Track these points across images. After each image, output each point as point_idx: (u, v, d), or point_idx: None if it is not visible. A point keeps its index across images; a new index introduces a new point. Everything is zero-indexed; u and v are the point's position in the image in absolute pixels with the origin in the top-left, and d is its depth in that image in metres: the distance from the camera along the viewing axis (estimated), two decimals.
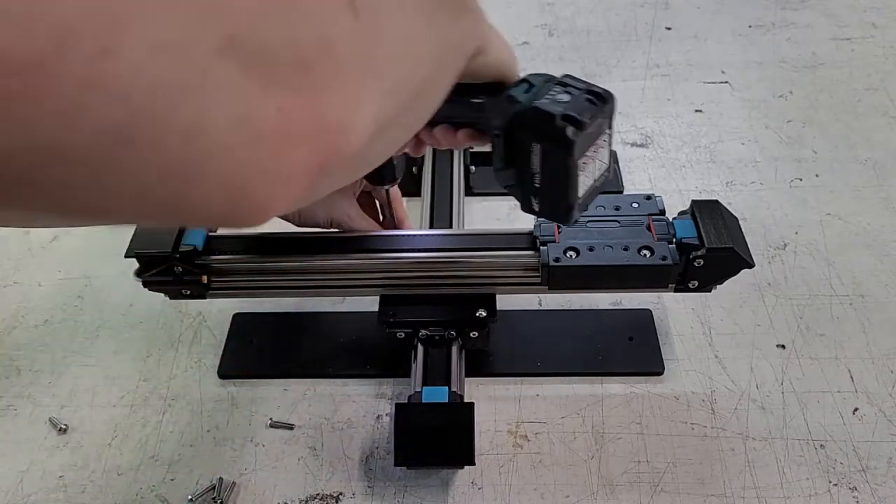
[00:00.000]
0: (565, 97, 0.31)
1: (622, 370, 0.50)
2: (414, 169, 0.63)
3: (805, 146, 0.67)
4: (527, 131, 0.31)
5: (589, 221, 0.45)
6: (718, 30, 0.82)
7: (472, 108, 0.33)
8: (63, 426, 0.48)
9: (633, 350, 0.51)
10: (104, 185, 0.17)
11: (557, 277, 0.44)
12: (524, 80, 0.32)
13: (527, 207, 0.34)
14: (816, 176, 0.64)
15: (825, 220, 0.60)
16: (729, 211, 0.46)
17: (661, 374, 0.50)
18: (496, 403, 0.49)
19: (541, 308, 0.54)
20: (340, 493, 0.44)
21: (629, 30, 0.82)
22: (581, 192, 0.32)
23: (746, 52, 0.78)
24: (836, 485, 0.44)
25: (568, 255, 0.44)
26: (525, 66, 0.43)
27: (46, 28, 0.14)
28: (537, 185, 0.32)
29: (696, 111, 0.71)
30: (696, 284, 0.45)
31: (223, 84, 0.17)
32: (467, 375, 0.48)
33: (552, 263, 0.43)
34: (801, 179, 0.64)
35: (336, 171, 0.22)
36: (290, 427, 0.48)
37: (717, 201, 0.46)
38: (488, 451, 0.46)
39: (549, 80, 0.32)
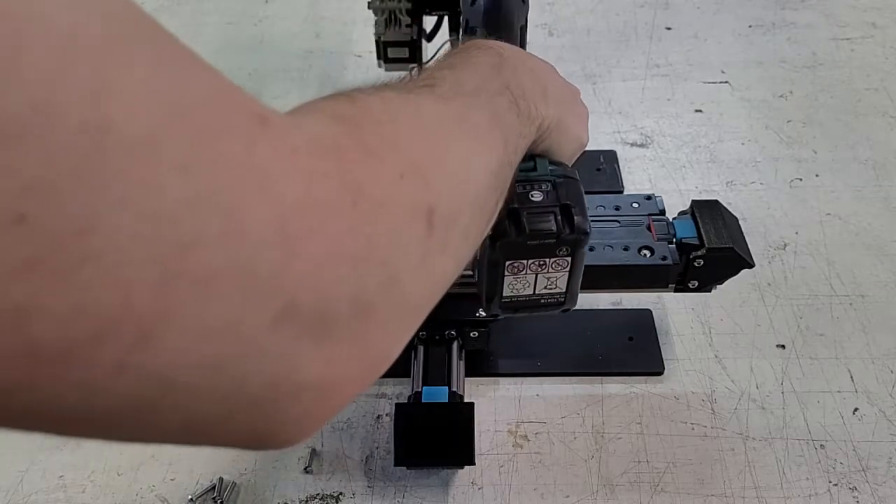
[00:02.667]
0: (539, 196, 0.29)
1: (622, 370, 0.50)
2: None
3: (805, 146, 0.67)
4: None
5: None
6: (718, 30, 0.82)
7: None
8: None
9: (633, 350, 0.51)
10: (125, 433, 0.17)
11: None
12: (533, 159, 0.31)
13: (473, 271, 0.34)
14: (816, 176, 0.64)
15: (825, 220, 0.60)
16: (729, 211, 0.46)
17: (661, 373, 0.50)
18: (496, 403, 0.49)
19: None
20: (340, 493, 0.44)
21: (629, 30, 0.82)
22: (507, 292, 0.31)
23: (746, 51, 0.78)
24: (836, 485, 0.44)
25: None
26: None
27: (81, 320, 0.13)
28: (478, 258, 0.32)
29: (696, 111, 0.71)
30: (697, 284, 0.45)
31: (271, 354, 0.16)
32: (467, 375, 0.48)
33: None
34: (801, 179, 0.64)
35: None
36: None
37: (717, 201, 0.46)
38: (488, 450, 0.46)
39: (556, 175, 0.30)
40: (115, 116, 0.13)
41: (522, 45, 0.36)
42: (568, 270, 0.31)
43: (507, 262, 0.30)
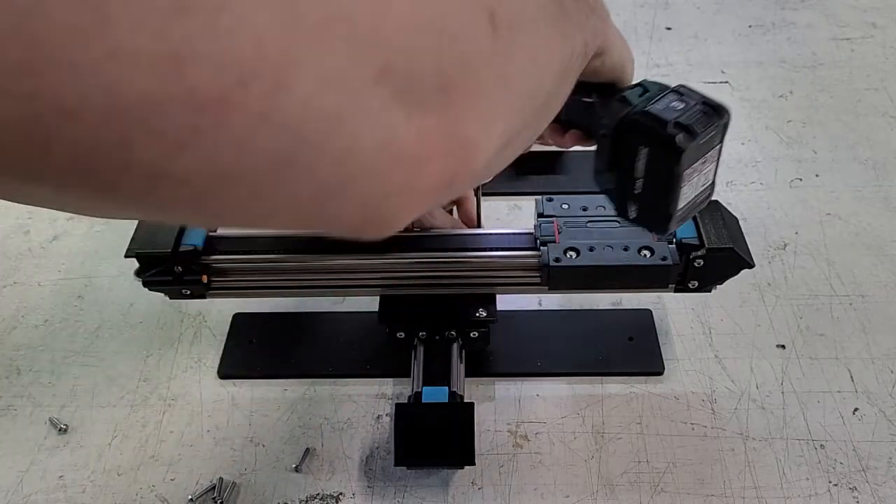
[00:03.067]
0: (680, 105, 0.30)
1: (622, 370, 0.50)
2: None
3: (805, 146, 0.67)
4: (636, 135, 0.30)
5: (589, 221, 0.45)
6: (718, 30, 0.82)
7: (584, 107, 0.33)
8: (63, 426, 0.48)
9: (633, 350, 0.51)
10: (263, 202, 0.18)
11: (557, 278, 0.44)
12: (639, 84, 0.32)
13: (622, 213, 0.34)
14: (816, 176, 0.64)
15: (825, 220, 0.60)
16: (729, 211, 0.46)
17: (661, 374, 0.50)
18: (496, 403, 0.49)
19: (541, 308, 0.54)
20: (340, 493, 0.44)
21: (629, 30, 0.82)
22: (682, 203, 0.32)
23: (746, 52, 0.78)
24: (836, 485, 0.44)
25: (568, 255, 0.44)
26: None
27: (229, 67, 0.14)
28: (637, 192, 0.32)
29: None
30: (697, 284, 0.45)
31: (375, 111, 0.18)
32: (467, 375, 0.48)
33: (552, 264, 0.43)
34: (801, 179, 0.64)
35: (460, 184, 0.23)
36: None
37: (716, 201, 0.46)
38: (488, 450, 0.46)
39: (665, 87, 0.32)
40: None
41: None
42: (716, 159, 0.32)
43: (686, 172, 0.30)
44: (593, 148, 0.34)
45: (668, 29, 0.82)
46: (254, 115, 0.15)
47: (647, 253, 0.44)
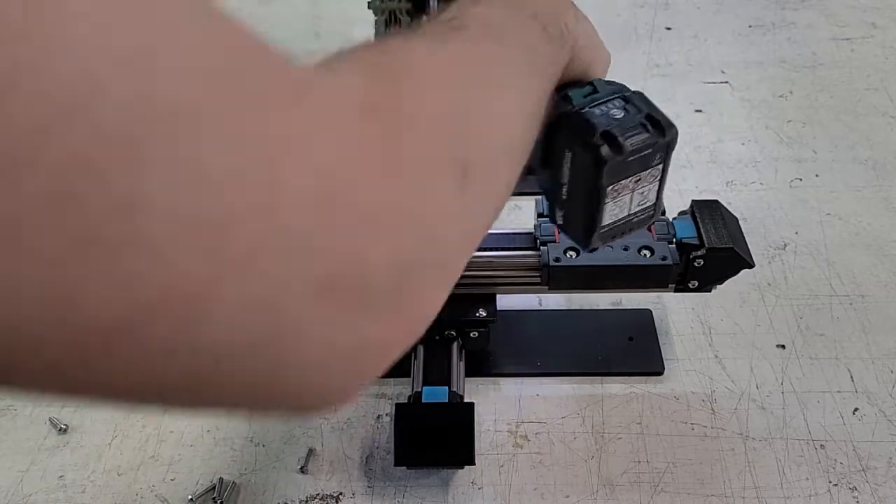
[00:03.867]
0: (619, 113, 0.28)
1: (622, 370, 0.50)
2: None
3: (805, 146, 0.67)
4: (565, 136, 0.29)
5: None
6: (718, 30, 0.82)
7: None
8: (63, 426, 0.48)
9: (633, 350, 0.51)
10: (182, 405, 0.17)
11: (557, 277, 0.44)
12: (591, 83, 0.30)
13: (552, 218, 0.32)
14: (816, 176, 0.64)
15: (825, 220, 0.60)
16: (729, 211, 0.46)
17: (661, 374, 0.50)
18: (496, 403, 0.49)
19: (541, 308, 0.54)
20: (340, 494, 0.44)
21: (629, 30, 0.82)
22: (606, 220, 0.30)
23: (746, 52, 0.78)
24: (836, 485, 0.44)
25: (568, 255, 0.44)
26: None
27: (140, 295, 0.13)
28: (564, 197, 0.30)
29: (697, 111, 0.71)
30: (697, 284, 0.45)
31: (313, 327, 0.16)
32: (467, 375, 0.48)
33: (552, 263, 0.43)
34: (801, 179, 0.64)
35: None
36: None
37: (717, 201, 0.46)
38: (488, 450, 0.46)
39: (617, 91, 0.30)
40: (159, 89, 0.13)
41: None
42: (658, 179, 0.30)
43: (609, 187, 0.29)
44: None
45: (668, 29, 0.82)
46: (159, 344, 0.14)
47: (647, 253, 0.44)
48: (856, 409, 0.47)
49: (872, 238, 0.58)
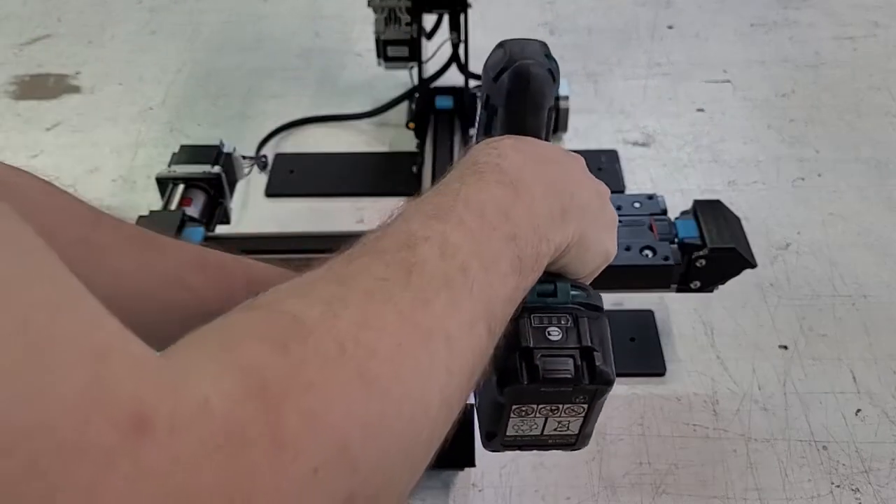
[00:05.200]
0: (557, 336, 0.25)
1: (624, 371, 0.49)
2: (414, 168, 0.63)
3: (807, 145, 0.67)
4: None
5: None
6: (720, 29, 0.81)
7: None
8: None
9: (634, 351, 0.51)
10: None
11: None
12: (556, 283, 0.27)
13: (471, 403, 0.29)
14: (819, 175, 0.64)
15: (827, 220, 0.60)
16: (731, 211, 0.46)
17: (662, 375, 0.49)
18: None
19: None
20: None
21: (631, 28, 0.82)
22: (511, 432, 0.27)
23: (748, 51, 0.78)
24: (838, 486, 0.43)
25: None
26: None
27: None
28: (476, 392, 0.28)
29: (698, 110, 0.71)
30: (698, 285, 0.45)
31: None
32: None
33: None
34: (803, 179, 0.64)
35: None
36: None
37: (719, 201, 0.46)
38: (489, 452, 0.46)
39: (578, 300, 0.27)
40: None
41: (548, 129, 0.31)
42: (583, 416, 0.27)
43: (514, 407, 0.26)
44: (594, 148, 0.31)
45: (670, 28, 0.82)
46: None
47: (649, 253, 0.43)
48: (858, 410, 0.47)
49: (875, 238, 0.58)
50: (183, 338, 0.17)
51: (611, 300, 0.54)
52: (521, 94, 0.28)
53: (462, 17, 0.61)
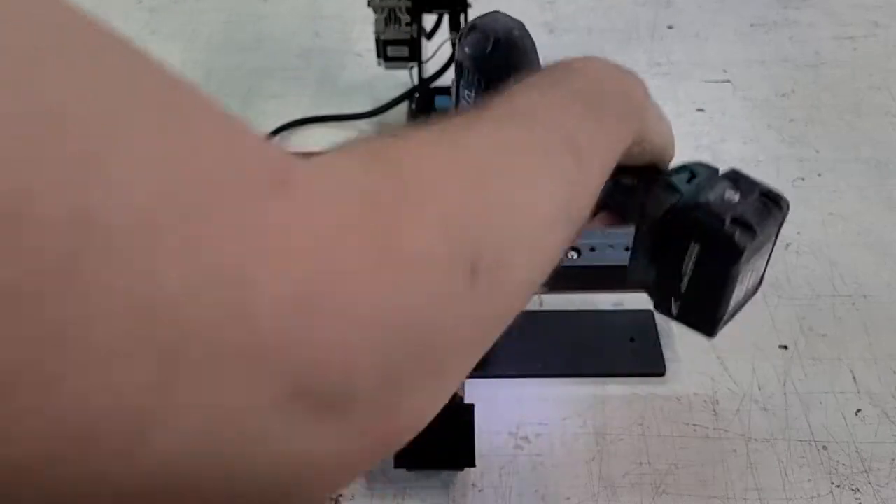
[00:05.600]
0: (736, 196, 0.27)
1: (624, 371, 0.49)
2: None
3: (807, 145, 0.67)
4: (687, 229, 0.27)
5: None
6: (720, 28, 0.81)
7: (621, 190, 0.29)
8: None
9: (634, 351, 0.51)
10: None
11: (558, 278, 0.43)
12: (685, 167, 0.29)
13: (663, 309, 0.31)
14: (819, 175, 0.64)
15: (828, 220, 0.60)
16: None
17: (662, 375, 0.49)
18: (497, 405, 0.48)
19: (542, 309, 0.54)
20: (340, 496, 0.44)
21: (630, 28, 0.82)
22: (732, 303, 0.29)
23: (748, 50, 0.78)
24: (838, 486, 0.43)
25: (569, 255, 0.44)
26: None
27: (68, 432, 0.12)
28: (682, 290, 0.29)
29: (698, 110, 0.71)
30: None
31: (284, 438, 0.14)
32: (467, 377, 0.48)
33: None
34: (803, 179, 0.64)
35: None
36: None
37: None
38: (489, 452, 0.46)
39: (714, 171, 0.28)
40: (103, 205, 0.11)
41: None
42: (769, 252, 0.29)
43: (740, 275, 0.27)
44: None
45: (670, 28, 0.82)
46: (101, 468, 0.12)
47: None
48: (858, 410, 0.47)
49: (875, 238, 0.58)
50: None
51: (610, 300, 0.54)
52: (524, 55, 0.31)
53: (462, 16, 0.61)
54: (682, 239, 0.27)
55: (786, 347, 0.51)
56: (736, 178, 0.28)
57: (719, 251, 0.27)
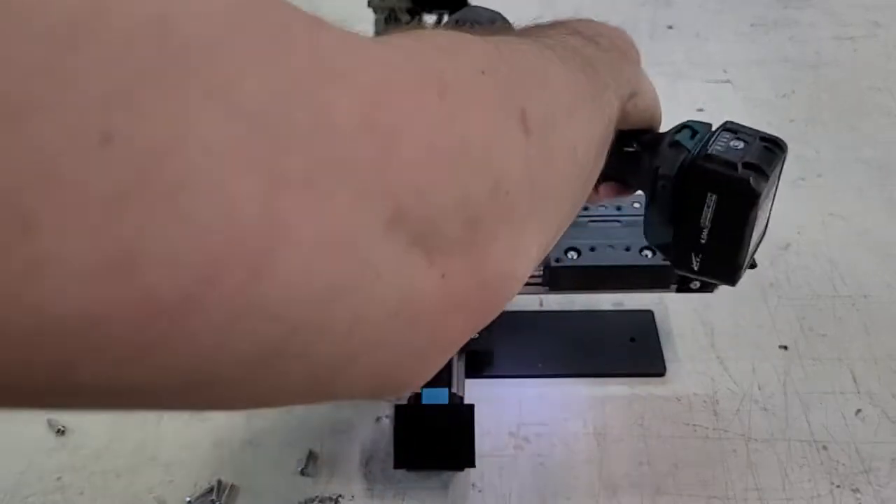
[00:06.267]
0: (740, 144, 0.28)
1: (624, 371, 0.49)
2: None
3: (808, 146, 0.67)
4: (703, 181, 0.27)
5: (590, 221, 0.45)
6: (720, 28, 0.81)
7: (622, 158, 0.30)
8: (61, 427, 0.48)
9: (634, 351, 0.51)
10: (244, 397, 0.15)
11: (558, 278, 0.44)
12: (685, 126, 0.30)
13: (684, 266, 0.31)
14: (819, 176, 0.64)
15: (828, 221, 0.60)
16: None
17: (662, 375, 0.49)
18: (497, 405, 0.48)
19: (542, 309, 0.54)
20: (340, 496, 0.44)
21: (630, 28, 0.81)
22: (750, 248, 0.30)
23: (748, 50, 0.78)
24: (838, 486, 0.43)
25: (569, 255, 0.44)
26: None
27: (190, 264, 0.11)
28: (703, 242, 0.29)
29: (698, 110, 0.71)
30: (699, 285, 0.45)
31: (387, 269, 0.15)
32: (468, 377, 0.48)
33: (553, 264, 0.43)
34: (803, 179, 0.64)
35: (488, 321, 0.20)
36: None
37: None
38: (489, 453, 0.46)
39: (709, 125, 0.30)
40: (178, 11, 0.11)
41: None
42: (773, 196, 0.30)
43: (757, 215, 0.28)
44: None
45: (670, 27, 0.82)
46: (227, 311, 0.12)
47: (649, 253, 0.43)
48: (858, 410, 0.47)
49: (875, 238, 0.58)
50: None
51: (610, 300, 0.54)
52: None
53: None
54: (699, 192, 0.28)
55: (786, 348, 0.51)
56: (735, 129, 0.29)
57: (737, 197, 0.27)
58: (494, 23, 0.30)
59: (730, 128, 0.29)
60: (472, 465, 0.42)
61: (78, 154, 0.10)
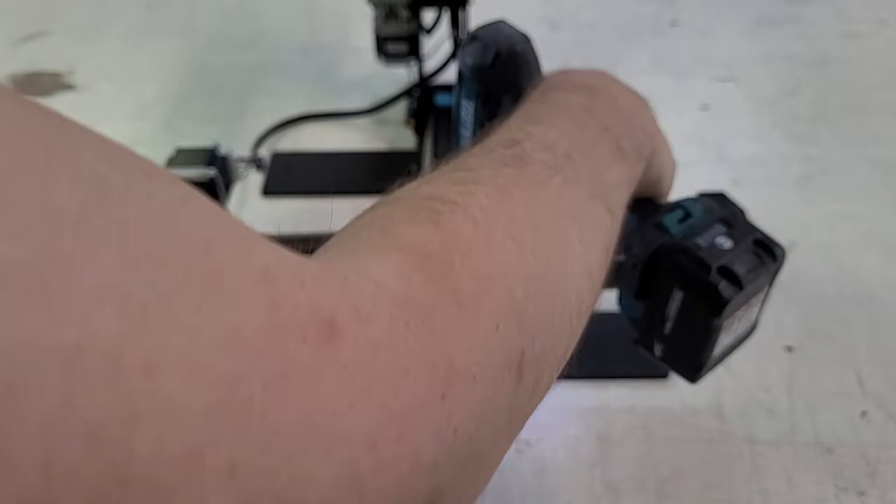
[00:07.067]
0: (727, 243, 0.26)
1: (626, 374, 0.49)
2: (413, 167, 0.62)
3: (813, 144, 0.66)
4: (671, 273, 0.26)
5: None
6: (725, 26, 0.81)
7: None
8: None
9: (637, 354, 0.50)
10: None
11: None
12: (680, 206, 0.28)
13: (647, 349, 0.29)
14: (825, 174, 0.63)
15: (833, 220, 0.59)
16: (736, 203, 0.45)
17: (665, 377, 0.49)
18: None
19: None
20: None
21: (634, 25, 0.81)
22: (717, 351, 0.28)
23: (753, 48, 0.77)
24: (844, 489, 0.43)
25: None
26: None
27: None
28: (666, 333, 0.28)
29: (703, 108, 0.70)
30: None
31: None
32: None
33: None
34: (808, 178, 0.63)
35: None
36: None
37: (723, 193, 0.45)
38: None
39: (711, 212, 0.27)
40: (140, 450, 0.11)
41: None
42: (763, 299, 0.28)
43: (725, 322, 0.26)
44: None
45: (674, 25, 0.81)
46: None
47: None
48: (864, 413, 0.46)
49: (882, 237, 0.57)
50: (331, 239, 0.18)
51: (610, 300, 0.53)
52: (526, 70, 0.30)
53: (462, 13, 0.60)
54: (666, 283, 0.26)
55: (791, 349, 0.50)
56: (731, 222, 0.27)
57: (703, 300, 0.26)
58: (515, 46, 0.28)
59: (727, 220, 0.27)
60: None
61: None
